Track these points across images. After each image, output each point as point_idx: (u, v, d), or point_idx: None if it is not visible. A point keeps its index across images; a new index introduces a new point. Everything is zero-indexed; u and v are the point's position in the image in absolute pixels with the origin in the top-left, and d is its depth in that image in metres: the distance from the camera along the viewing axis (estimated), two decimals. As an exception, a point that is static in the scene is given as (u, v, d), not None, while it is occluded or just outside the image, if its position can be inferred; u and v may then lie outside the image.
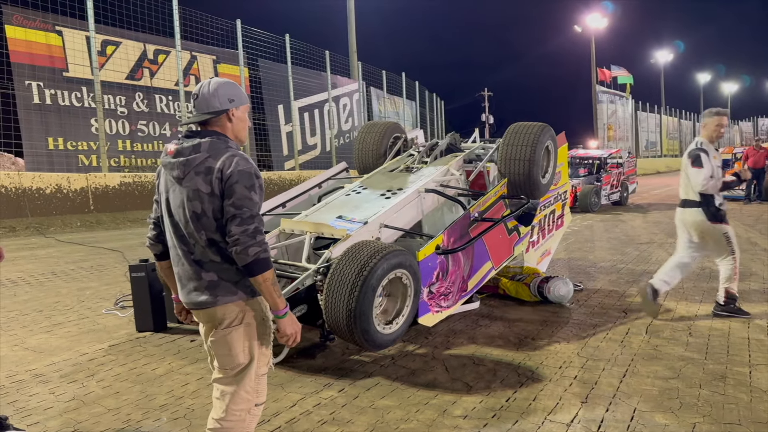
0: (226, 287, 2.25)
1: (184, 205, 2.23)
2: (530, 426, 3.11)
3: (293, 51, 18.81)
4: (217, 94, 2.27)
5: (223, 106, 2.28)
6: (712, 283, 6.39)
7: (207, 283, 2.24)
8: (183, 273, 2.30)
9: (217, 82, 2.30)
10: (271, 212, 5.57)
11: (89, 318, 5.38)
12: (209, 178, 2.18)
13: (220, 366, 2.33)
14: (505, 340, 4.54)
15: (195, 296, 2.27)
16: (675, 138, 51.42)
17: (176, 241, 2.30)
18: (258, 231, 2.17)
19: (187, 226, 2.24)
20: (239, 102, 2.32)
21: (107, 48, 13.94)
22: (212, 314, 2.28)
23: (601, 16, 39.31)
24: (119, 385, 3.77)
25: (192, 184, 2.20)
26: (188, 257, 2.26)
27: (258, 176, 2.25)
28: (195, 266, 2.25)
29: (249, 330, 2.30)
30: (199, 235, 2.22)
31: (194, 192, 2.20)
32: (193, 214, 2.21)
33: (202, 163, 2.20)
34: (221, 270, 2.24)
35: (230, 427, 2.33)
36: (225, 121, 2.30)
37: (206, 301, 2.25)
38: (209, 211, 2.20)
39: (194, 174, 2.20)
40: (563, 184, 6.63)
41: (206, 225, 2.21)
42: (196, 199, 2.20)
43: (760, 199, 15.96)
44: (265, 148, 18.40)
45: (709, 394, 3.45)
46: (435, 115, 31.58)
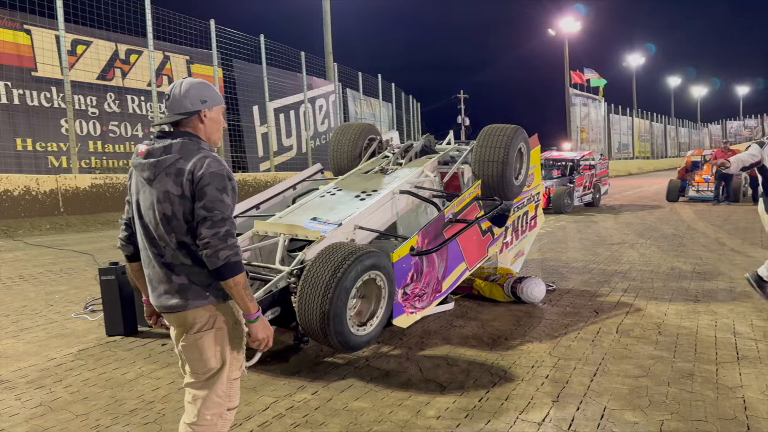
0: (196, 291, 2.21)
1: (154, 207, 2.19)
2: (502, 425, 3.14)
3: (268, 52, 18.69)
4: (189, 94, 2.23)
5: (194, 107, 2.24)
6: (682, 282, 6.52)
7: (177, 286, 2.21)
8: (153, 276, 2.26)
9: (189, 83, 2.26)
10: (245, 214, 5.52)
11: (58, 322, 5.28)
12: (180, 179, 2.14)
13: (192, 371, 2.31)
14: (479, 341, 4.57)
15: (165, 300, 2.24)
16: (647, 140, 52.30)
17: (146, 243, 2.26)
18: (229, 234, 2.14)
19: (157, 228, 2.20)
20: (212, 103, 2.28)
21: (77, 47, 13.70)
22: (183, 318, 2.25)
23: (574, 19, 39.85)
24: (88, 391, 3.71)
25: (162, 185, 2.16)
26: (158, 260, 2.23)
27: (231, 178, 2.21)
28: (165, 269, 2.22)
29: (220, 334, 2.27)
30: (169, 237, 2.19)
31: (164, 194, 2.16)
32: (164, 216, 2.17)
33: (173, 164, 2.16)
34: (192, 273, 2.21)
35: (202, 431, 2.31)
36: (197, 123, 2.26)
37: (177, 305, 2.21)
38: (180, 213, 2.16)
39: (165, 175, 2.16)
40: (536, 186, 6.71)
41: (176, 227, 2.17)
42: (167, 201, 2.16)
43: (729, 200, 16.31)
44: (240, 149, 18.25)
45: (677, 392, 3.51)
46: (411, 117, 31.67)
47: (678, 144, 60.37)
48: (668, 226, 11.92)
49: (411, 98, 31.63)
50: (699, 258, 8.08)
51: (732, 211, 14.32)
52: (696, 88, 71.95)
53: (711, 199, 16.64)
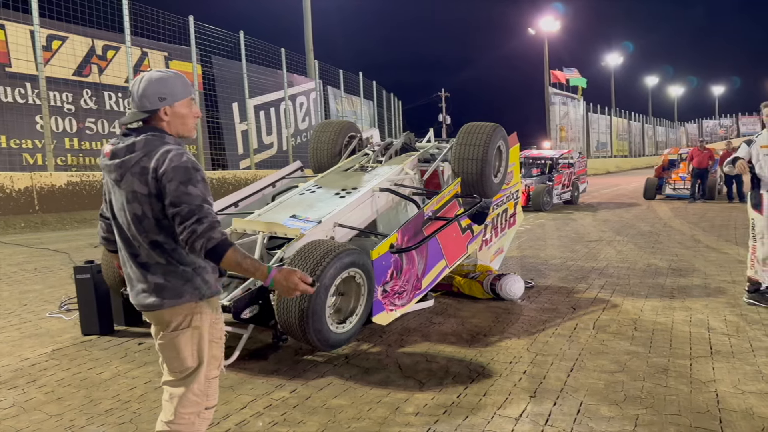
0: (172, 290, 2.19)
1: (124, 208, 2.17)
2: (480, 421, 3.16)
3: (248, 48, 18.56)
4: (146, 93, 2.16)
5: (153, 106, 2.17)
6: (658, 279, 6.62)
7: (153, 285, 2.19)
8: (131, 275, 2.25)
9: (147, 80, 2.17)
10: (224, 212, 5.48)
11: (32, 322, 5.19)
12: (145, 178, 2.10)
13: (169, 369, 2.29)
14: (458, 337, 4.59)
15: (143, 298, 2.22)
16: (625, 139, 52.91)
17: (122, 244, 2.25)
18: (198, 221, 2.05)
19: (129, 228, 2.18)
20: (173, 99, 2.19)
21: (53, 43, 13.47)
22: (159, 317, 2.24)
23: (554, 19, 40.18)
24: (62, 391, 3.65)
25: (129, 186, 2.13)
26: (134, 259, 2.21)
27: (196, 168, 2.13)
28: (141, 269, 2.20)
29: (197, 333, 2.25)
30: (142, 237, 2.16)
31: (132, 194, 2.13)
32: (134, 216, 2.15)
33: (137, 163, 2.11)
34: (167, 272, 2.19)
35: (179, 430, 2.28)
36: (159, 121, 2.20)
37: (153, 304, 2.20)
38: (149, 212, 2.13)
39: (130, 175, 2.12)
40: (515, 184, 6.75)
41: (148, 227, 2.15)
42: (135, 201, 2.13)
43: (704, 198, 16.58)
44: (220, 146, 18.10)
45: (652, 387, 3.56)
46: (393, 115, 31.69)
47: (655, 143, 61.19)
48: (645, 223, 12.08)
49: (392, 96, 31.65)
50: (675, 255, 8.20)
51: (707, 209, 14.56)
52: (673, 88, 73.08)
53: (687, 197, 16.90)
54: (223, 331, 2.38)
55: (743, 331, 4.63)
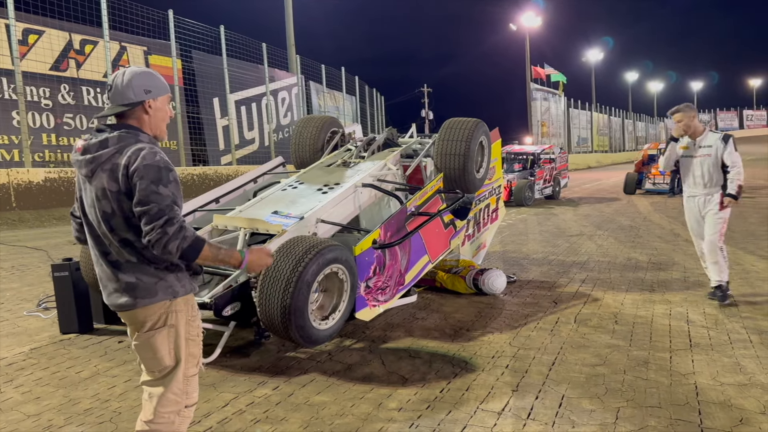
0: (145, 289, 2.15)
1: (95, 204, 2.13)
2: (463, 415, 3.17)
3: (229, 43, 18.39)
4: (132, 84, 2.15)
5: (138, 98, 2.16)
6: (638, 273, 6.69)
7: (125, 284, 2.15)
8: (102, 274, 2.21)
9: (132, 72, 2.18)
10: (204, 208, 5.43)
11: (9, 321, 5.10)
12: (116, 175, 2.07)
13: (147, 369, 2.27)
14: (441, 332, 4.60)
15: (115, 298, 2.18)
16: (605, 134, 53.40)
17: (92, 242, 2.21)
18: (168, 223, 2.02)
19: (99, 226, 2.15)
20: (157, 92, 2.20)
21: (29, 37, 13.23)
22: (133, 317, 2.20)
23: (535, 15, 40.36)
24: (40, 390, 3.59)
25: (99, 182, 2.10)
26: (105, 258, 2.18)
27: (169, 168, 2.11)
28: (112, 267, 2.17)
29: (173, 332, 2.22)
30: (112, 235, 2.13)
31: (102, 191, 2.10)
32: (104, 213, 2.12)
33: (109, 159, 2.09)
34: (138, 271, 2.15)
35: (158, 429, 2.26)
36: (141, 114, 2.18)
37: (126, 304, 2.16)
38: (119, 210, 2.09)
39: (101, 171, 2.09)
40: (497, 179, 6.78)
41: (118, 225, 2.11)
42: (105, 199, 2.10)
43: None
44: (200, 142, 17.93)
45: (632, 379, 3.60)
46: (375, 111, 31.65)
47: (635, 138, 61.83)
48: (625, 217, 12.21)
49: (375, 91, 31.61)
50: (654, 249, 8.29)
51: (686, 203, 14.74)
52: (653, 83, 73.77)
53: (667, 192, 17.12)
54: (200, 329, 2.35)
55: (722, 323, 4.70)
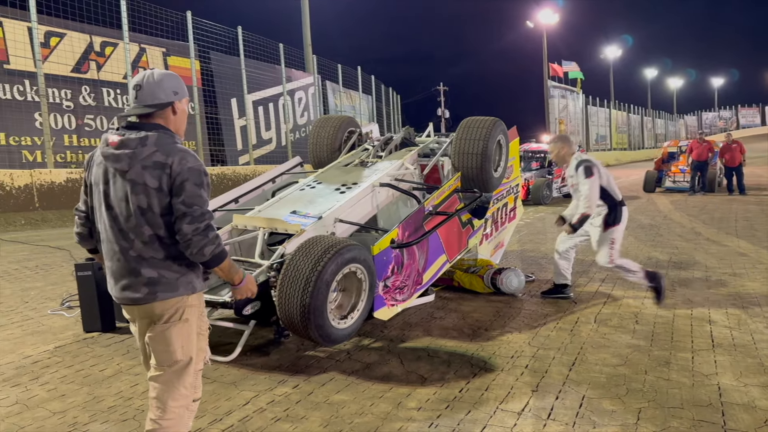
0: (166, 284, 2.23)
1: (127, 198, 2.18)
2: (482, 415, 3.16)
3: (246, 44, 18.49)
4: (163, 86, 2.24)
5: (168, 99, 2.26)
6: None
7: (146, 279, 2.21)
8: (118, 268, 2.25)
9: (162, 74, 2.28)
10: (224, 208, 5.47)
11: (34, 319, 5.19)
12: (157, 173, 2.15)
13: (158, 363, 2.30)
14: (459, 332, 4.60)
15: (130, 293, 2.23)
16: (624, 132, 52.83)
17: (113, 236, 2.24)
18: (209, 228, 2.18)
19: (128, 220, 2.20)
20: (182, 95, 2.31)
21: (51, 39, 13.41)
22: (149, 310, 2.26)
23: (552, 11, 40.03)
24: (65, 388, 3.66)
25: (138, 177, 2.16)
26: (126, 253, 2.22)
27: (206, 174, 2.23)
28: (134, 262, 2.21)
29: (187, 326, 2.29)
30: (141, 230, 2.19)
31: (141, 186, 2.16)
32: (138, 208, 2.17)
33: (150, 157, 2.16)
34: (162, 267, 2.22)
35: (169, 425, 2.30)
36: (169, 114, 2.28)
37: (143, 298, 2.22)
38: (155, 206, 2.17)
39: (141, 168, 2.16)
40: (515, 178, 6.75)
41: (150, 220, 2.18)
42: (142, 194, 2.16)
43: (704, 190, 16.57)
44: (218, 142, 18.05)
45: (654, 380, 3.57)
46: (391, 110, 31.61)
47: (655, 135, 61.09)
48: (645, 216, 12.08)
49: (391, 91, 31.56)
50: (675, 248, 8.20)
51: (707, 202, 14.56)
52: (672, 80, 72.83)
53: (687, 190, 16.89)
54: (208, 323, 2.43)
55: (745, 323, 4.64)
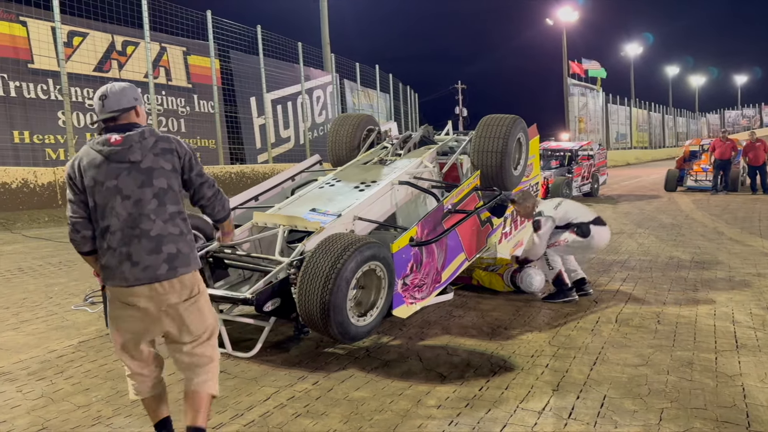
0: (183, 259, 2.52)
1: (151, 183, 2.49)
2: (502, 414, 3.15)
3: (265, 43, 18.58)
4: (125, 94, 2.62)
5: (130, 104, 2.62)
6: (681, 272, 6.54)
7: (167, 255, 2.48)
8: (136, 251, 2.45)
9: (122, 85, 2.66)
10: (244, 205, 5.52)
11: (58, 314, 5.28)
12: (169, 157, 2.55)
13: (194, 333, 2.59)
14: (479, 330, 4.59)
15: (152, 271, 2.45)
16: (645, 130, 52.25)
17: (133, 221, 2.46)
18: (220, 190, 2.78)
19: (150, 203, 2.48)
20: (140, 102, 2.68)
21: (74, 39, 13.61)
22: (171, 287, 2.49)
23: (572, 9, 39.68)
24: (89, 382, 3.71)
25: (154, 164, 2.51)
26: (147, 234, 2.47)
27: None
28: (155, 241, 2.47)
29: (205, 294, 2.67)
30: (164, 209, 2.50)
31: (159, 170, 2.51)
32: (160, 189, 2.51)
33: (156, 145, 2.53)
34: (180, 242, 2.53)
35: (212, 381, 2.65)
36: (134, 116, 2.63)
37: (164, 275, 2.47)
38: (175, 185, 2.56)
39: (153, 155, 2.51)
40: (535, 176, 6.71)
41: (172, 198, 2.53)
42: (162, 176, 2.52)
43: (727, 189, 16.33)
44: (238, 140, 18.17)
45: (676, 380, 3.53)
46: (409, 108, 31.56)
47: (676, 134, 60.34)
48: (666, 215, 11.94)
49: (409, 89, 31.52)
50: (697, 247, 8.09)
51: (730, 201, 14.34)
52: (694, 78, 71.77)
53: (709, 189, 16.65)
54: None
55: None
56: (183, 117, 16.19)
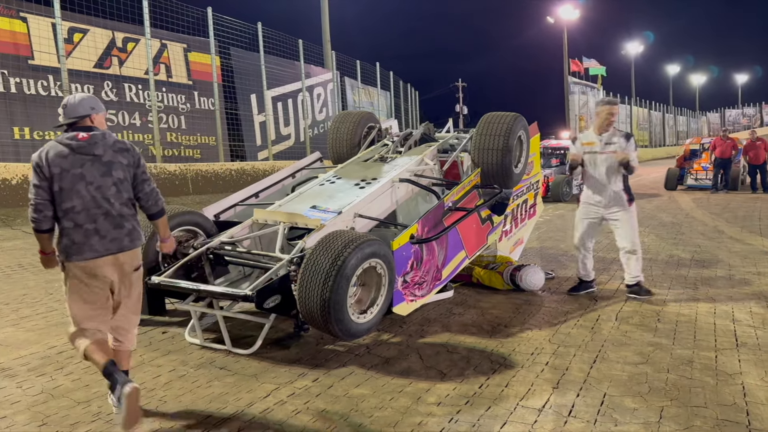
0: (137, 234, 3.17)
1: (110, 173, 3.06)
2: (503, 412, 3.15)
3: (266, 40, 18.54)
4: (82, 104, 3.12)
5: (85, 112, 3.12)
6: (681, 270, 6.54)
7: (128, 230, 3.11)
8: (103, 227, 3.03)
9: (81, 96, 3.16)
10: (245, 202, 5.52)
11: (58, 310, 5.28)
12: (125, 154, 3.14)
13: (129, 295, 3.18)
14: (479, 328, 4.59)
15: (118, 243, 3.06)
16: (645, 129, 52.21)
17: (96, 202, 3.02)
18: (157, 190, 3.28)
19: (110, 189, 3.05)
20: (98, 110, 3.17)
21: (74, 35, 13.58)
22: (129, 256, 3.11)
23: (573, 7, 39.62)
24: (89, 378, 3.71)
25: (114, 158, 3.09)
26: (110, 213, 3.05)
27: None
28: (118, 219, 3.08)
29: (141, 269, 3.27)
30: (120, 195, 3.09)
31: (118, 164, 3.10)
32: (118, 179, 3.09)
33: (115, 143, 3.13)
34: (134, 221, 3.17)
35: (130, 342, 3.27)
36: (89, 122, 3.12)
37: (128, 245, 3.10)
38: (128, 178, 3.14)
39: (113, 152, 3.10)
40: (535, 174, 6.70)
41: (126, 187, 3.13)
42: (120, 169, 3.10)
43: (727, 188, 16.32)
44: (238, 138, 18.14)
45: (676, 379, 3.53)
46: (409, 106, 31.52)
47: (676, 132, 60.27)
48: (666, 214, 11.93)
49: (409, 87, 31.48)
50: (697, 246, 8.09)
51: (730, 200, 14.34)
52: (695, 77, 71.66)
53: (709, 188, 16.65)
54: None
55: (769, 323, 4.56)
56: (183, 114, 16.16)
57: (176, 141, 15.96)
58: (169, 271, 4.28)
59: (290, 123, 20.57)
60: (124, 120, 14.77)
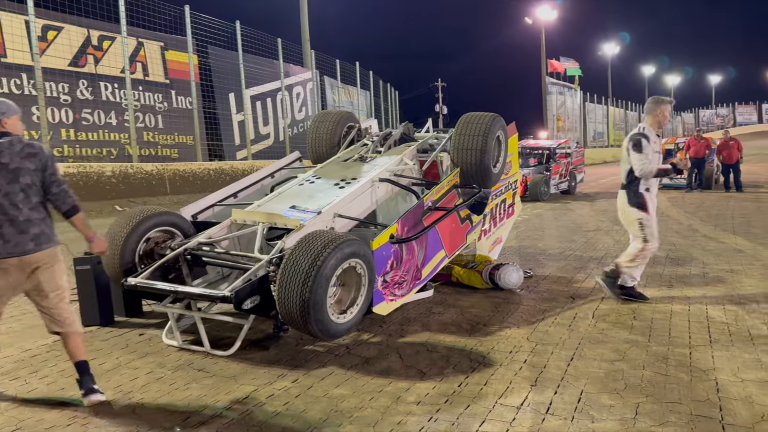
0: (46, 237, 3.25)
1: (17, 180, 3.15)
2: (481, 410, 3.18)
3: (244, 38, 18.43)
4: None
5: None
6: (656, 268, 6.64)
7: (32, 236, 3.19)
8: (8, 232, 3.14)
9: None
10: (223, 202, 5.48)
11: (32, 312, 5.16)
12: (32, 159, 3.20)
13: (50, 291, 3.29)
14: (458, 327, 4.61)
15: (22, 246, 3.15)
16: (621, 129, 52.84)
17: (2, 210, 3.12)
18: (68, 188, 3.33)
19: (17, 195, 3.15)
20: (9, 113, 3.25)
21: (48, 33, 13.34)
22: (35, 259, 3.20)
23: (551, 8, 39.98)
24: (64, 382, 3.66)
25: (21, 164, 3.17)
26: (17, 219, 3.15)
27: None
28: (23, 225, 3.17)
29: (62, 265, 3.38)
30: (30, 199, 3.19)
31: (25, 170, 3.17)
32: (26, 185, 3.18)
33: (23, 150, 3.20)
34: (43, 224, 3.24)
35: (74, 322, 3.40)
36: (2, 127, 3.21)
37: (31, 249, 3.18)
38: (37, 181, 3.21)
39: (20, 158, 3.17)
40: (514, 174, 6.75)
41: (36, 192, 3.22)
42: (28, 175, 3.18)
43: (701, 187, 16.60)
44: (216, 137, 17.99)
45: (652, 375, 3.59)
46: (389, 105, 31.55)
47: (652, 132, 61.04)
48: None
49: (389, 86, 31.50)
50: (672, 244, 8.22)
51: (704, 198, 14.59)
52: (670, 77, 72.72)
53: (684, 187, 16.91)
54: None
55: (742, 319, 4.66)
56: (160, 113, 15.99)
57: (153, 140, 15.78)
58: (146, 273, 4.23)
59: (269, 122, 20.46)
60: (99, 119, 14.56)
